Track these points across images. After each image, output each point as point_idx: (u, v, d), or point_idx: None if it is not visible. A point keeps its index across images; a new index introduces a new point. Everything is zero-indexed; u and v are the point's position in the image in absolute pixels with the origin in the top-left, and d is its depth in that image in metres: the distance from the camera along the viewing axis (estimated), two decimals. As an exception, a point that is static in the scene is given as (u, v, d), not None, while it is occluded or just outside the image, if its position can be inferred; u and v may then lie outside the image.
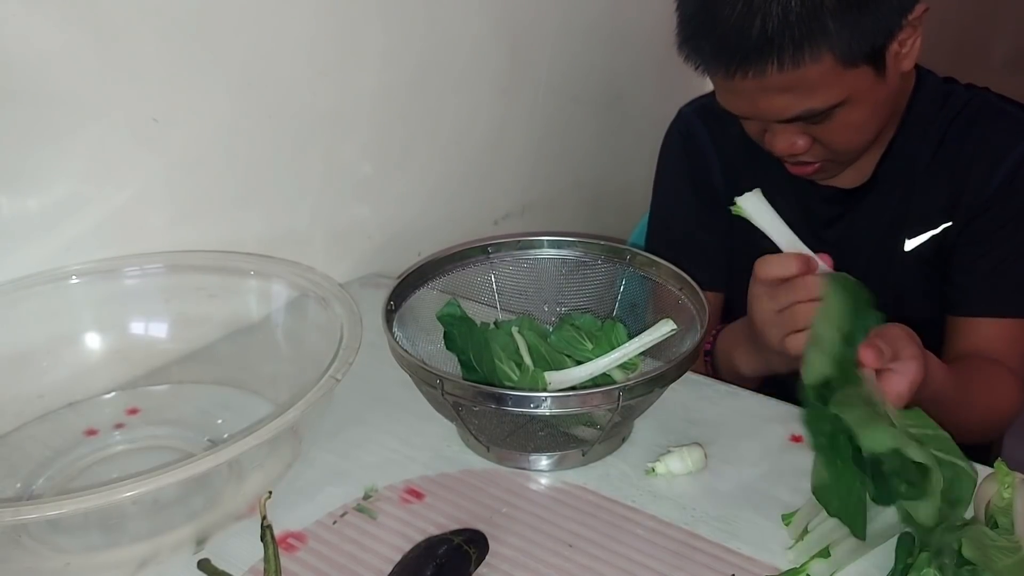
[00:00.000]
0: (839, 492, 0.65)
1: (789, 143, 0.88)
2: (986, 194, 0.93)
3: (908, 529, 0.66)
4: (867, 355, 0.69)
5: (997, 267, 0.94)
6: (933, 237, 0.96)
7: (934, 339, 0.90)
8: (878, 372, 0.70)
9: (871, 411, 0.65)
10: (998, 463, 0.68)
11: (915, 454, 0.62)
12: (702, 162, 1.08)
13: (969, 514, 0.67)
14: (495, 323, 0.91)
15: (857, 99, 0.84)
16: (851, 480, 0.65)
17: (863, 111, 0.86)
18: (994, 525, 0.65)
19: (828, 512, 0.65)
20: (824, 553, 0.67)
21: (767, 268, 0.77)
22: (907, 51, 0.86)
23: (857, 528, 0.64)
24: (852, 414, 0.64)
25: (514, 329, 0.88)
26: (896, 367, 0.70)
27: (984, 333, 0.94)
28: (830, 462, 0.66)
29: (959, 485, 0.65)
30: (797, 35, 0.79)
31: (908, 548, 0.65)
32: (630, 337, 0.85)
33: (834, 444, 0.66)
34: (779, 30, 0.79)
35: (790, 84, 0.81)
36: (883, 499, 0.65)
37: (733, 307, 1.10)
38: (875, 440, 0.63)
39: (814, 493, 0.67)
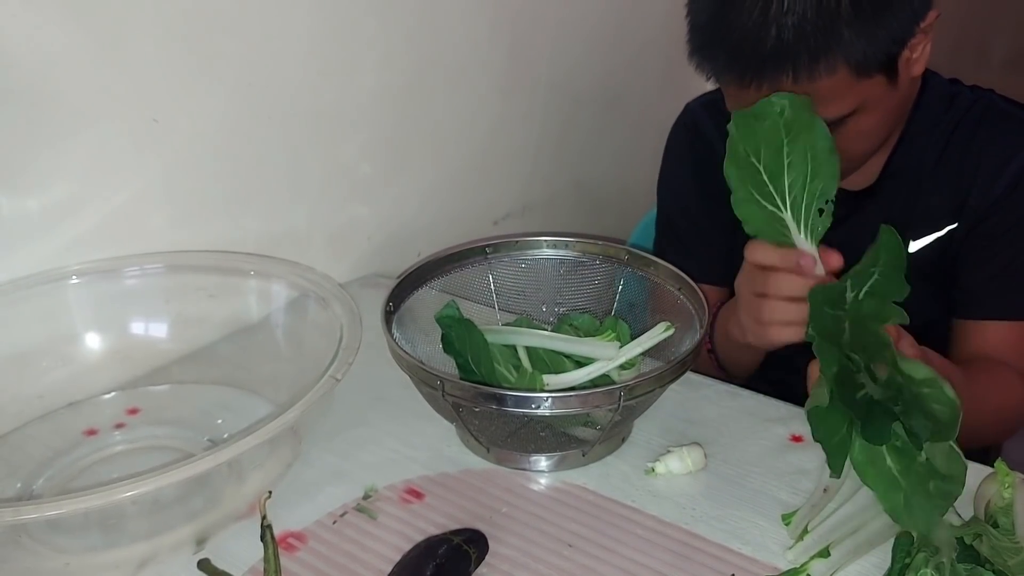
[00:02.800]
0: (829, 422, 0.68)
1: None
2: (992, 197, 0.93)
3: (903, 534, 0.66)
4: None
5: (1004, 269, 0.93)
6: (938, 239, 0.96)
7: (938, 341, 0.90)
8: None
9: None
10: (998, 463, 0.68)
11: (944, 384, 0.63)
12: (708, 155, 1.08)
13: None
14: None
15: (870, 107, 0.84)
16: (842, 417, 0.68)
17: (875, 118, 0.86)
18: (994, 525, 0.65)
19: (813, 436, 0.69)
20: (824, 553, 0.67)
21: (752, 252, 0.78)
22: (918, 56, 0.86)
23: (834, 463, 0.68)
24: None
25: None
26: None
27: (991, 335, 0.94)
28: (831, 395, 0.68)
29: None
30: (813, 46, 0.78)
31: (906, 548, 0.65)
32: (633, 336, 0.85)
33: (841, 380, 0.68)
34: (794, 41, 0.78)
35: (803, 94, 0.81)
36: (875, 436, 0.67)
37: None
38: (913, 367, 0.64)
39: (808, 413, 0.69)
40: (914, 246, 0.98)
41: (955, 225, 0.95)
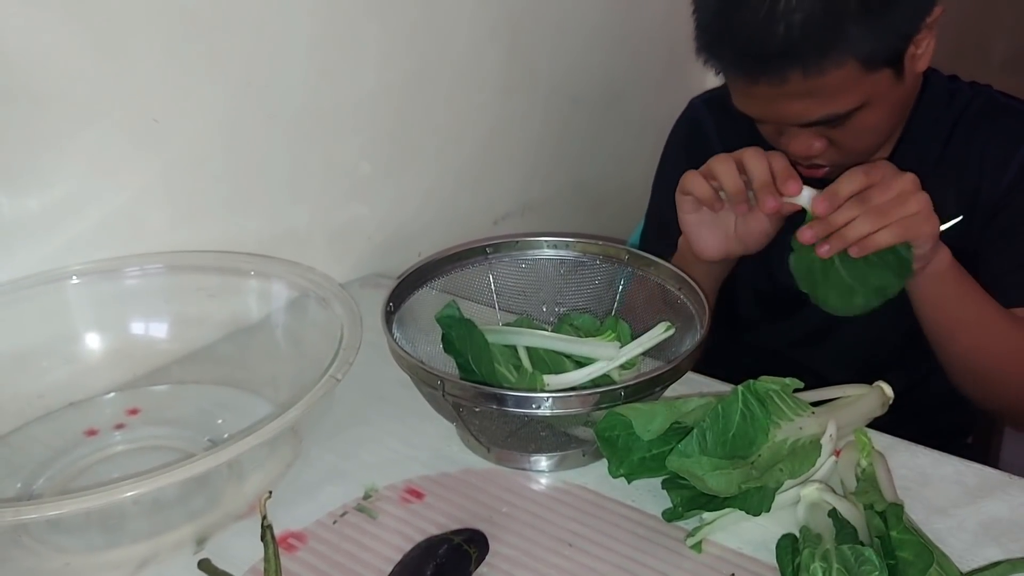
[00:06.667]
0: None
1: (806, 146, 0.88)
2: (1000, 190, 0.93)
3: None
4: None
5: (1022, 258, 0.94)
6: (945, 233, 0.96)
7: None
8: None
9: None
10: (857, 432, 0.72)
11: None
12: (706, 151, 1.08)
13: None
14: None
15: (876, 102, 0.84)
16: None
17: (881, 113, 0.86)
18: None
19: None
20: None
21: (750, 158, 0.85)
22: (922, 52, 0.86)
23: None
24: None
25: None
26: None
27: None
28: None
29: None
30: (820, 42, 0.78)
31: (789, 550, 0.65)
32: (633, 336, 0.85)
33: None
34: (802, 37, 0.78)
35: (811, 90, 0.81)
36: None
37: (735, 296, 1.08)
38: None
39: None
40: None
41: (960, 218, 0.95)
